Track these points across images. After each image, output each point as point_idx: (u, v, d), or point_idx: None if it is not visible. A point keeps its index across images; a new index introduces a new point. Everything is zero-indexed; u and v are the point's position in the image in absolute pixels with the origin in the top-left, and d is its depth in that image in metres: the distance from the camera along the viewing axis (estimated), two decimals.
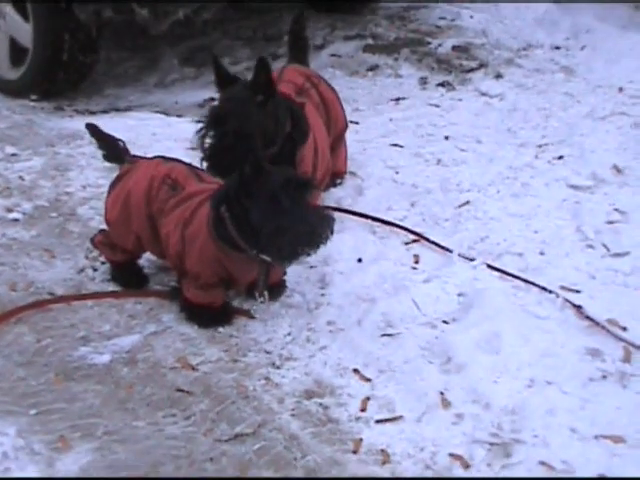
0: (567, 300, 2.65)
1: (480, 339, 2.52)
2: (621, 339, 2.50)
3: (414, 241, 3.05)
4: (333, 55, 5.11)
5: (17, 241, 3.18)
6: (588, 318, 2.59)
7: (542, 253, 2.96)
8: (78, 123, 4.01)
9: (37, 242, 3.16)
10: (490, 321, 2.57)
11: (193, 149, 2.88)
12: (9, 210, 3.36)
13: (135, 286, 2.85)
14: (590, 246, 3.00)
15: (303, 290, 2.81)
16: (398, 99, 4.41)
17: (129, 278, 2.86)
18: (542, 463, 2.10)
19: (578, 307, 2.62)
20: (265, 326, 2.66)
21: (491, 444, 2.18)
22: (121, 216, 2.72)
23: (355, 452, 2.19)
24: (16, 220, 3.31)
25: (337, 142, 3.39)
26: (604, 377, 2.38)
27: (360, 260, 2.95)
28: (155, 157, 2.84)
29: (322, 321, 2.67)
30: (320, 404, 2.36)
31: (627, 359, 2.44)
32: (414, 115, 4.17)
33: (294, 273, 2.86)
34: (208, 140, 2.76)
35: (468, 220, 3.18)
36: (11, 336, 2.63)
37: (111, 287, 2.87)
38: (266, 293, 2.63)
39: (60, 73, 4.65)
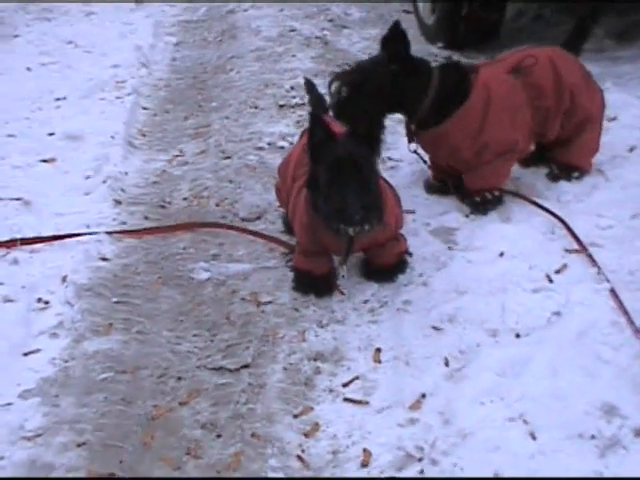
0: None
1: (514, 361, 2.32)
2: None
3: (577, 251, 2.77)
4: None
5: (264, 165, 3.62)
6: None
7: None
8: None
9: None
10: (543, 346, 2.34)
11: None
12: (282, 138, 3.80)
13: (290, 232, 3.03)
14: None
15: (414, 267, 2.78)
16: None
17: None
18: None
19: None
20: (352, 288, 2.73)
21: (406, 454, 2.08)
22: (283, 172, 2.94)
23: (296, 417, 2.24)
24: (282, 148, 3.72)
25: (577, 131, 3.14)
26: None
27: (502, 254, 2.79)
28: None
29: (399, 300, 2.65)
30: (317, 367, 2.41)
31: None
32: None
33: (428, 250, 2.85)
34: (335, 85, 2.90)
35: None
36: (173, 240, 3.10)
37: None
38: (345, 267, 2.67)
39: (460, 26, 4.85)
